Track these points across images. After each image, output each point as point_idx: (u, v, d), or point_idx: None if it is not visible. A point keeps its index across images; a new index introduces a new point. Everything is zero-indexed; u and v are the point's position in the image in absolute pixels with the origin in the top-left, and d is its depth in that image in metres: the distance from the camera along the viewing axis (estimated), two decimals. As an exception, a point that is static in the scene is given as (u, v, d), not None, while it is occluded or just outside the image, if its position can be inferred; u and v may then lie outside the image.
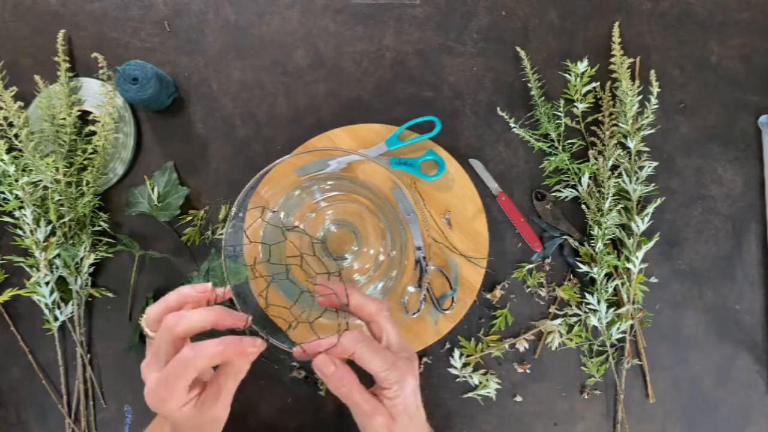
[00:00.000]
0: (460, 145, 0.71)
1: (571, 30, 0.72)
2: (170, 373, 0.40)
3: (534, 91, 0.69)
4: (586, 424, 0.70)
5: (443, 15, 0.72)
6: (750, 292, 0.70)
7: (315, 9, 0.72)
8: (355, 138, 0.70)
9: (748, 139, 0.71)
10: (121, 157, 0.71)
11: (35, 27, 0.73)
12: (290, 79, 0.72)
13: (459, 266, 0.69)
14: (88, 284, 0.70)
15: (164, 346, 0.41)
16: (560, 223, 0.70)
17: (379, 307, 0.47)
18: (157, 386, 0.41)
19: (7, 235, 0.69)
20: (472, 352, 0.69)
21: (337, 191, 0.66)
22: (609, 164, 0.67)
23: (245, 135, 0.72)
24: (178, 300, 0.44)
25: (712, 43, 0.71)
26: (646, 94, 0.68)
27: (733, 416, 0.69)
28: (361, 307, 0.47)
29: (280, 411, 0.71)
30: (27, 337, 0.72)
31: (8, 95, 0.68)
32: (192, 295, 0.45)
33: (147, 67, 0.67)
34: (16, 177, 0.66)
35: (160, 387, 0.40)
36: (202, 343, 0.40)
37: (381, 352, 0.44)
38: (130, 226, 0.72)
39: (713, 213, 0.70)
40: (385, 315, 0.47)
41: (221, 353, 0.40)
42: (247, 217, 0.61)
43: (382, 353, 0.44)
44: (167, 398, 0.40)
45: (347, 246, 0.65)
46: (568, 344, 0.69)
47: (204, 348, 0.40)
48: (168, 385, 0.40)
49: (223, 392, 0.42)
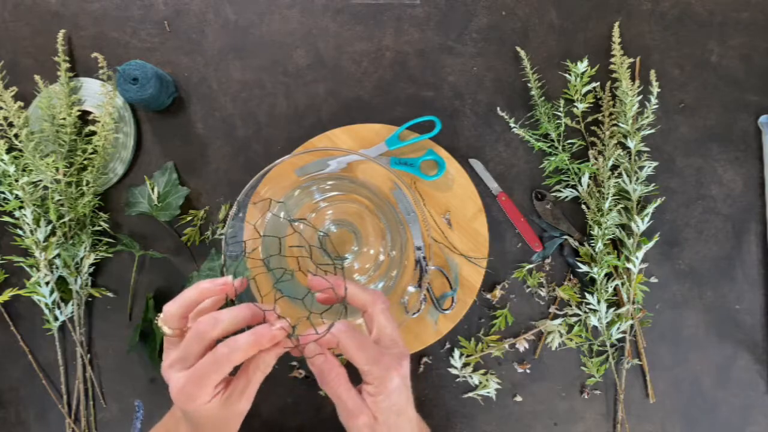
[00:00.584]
0: (460, 145, 0.71)
1: (571, 30, 0.72)
2: (203, 371, 0.39)
3: (534, 91, 0.69)
4: (586, 424, 0.70)
5: (443, 15, 0.72)
6: (750, 292, 0.70)
7: (315, 9, 0.72)
8: (355, 138, 0.70)
9: (748, 139, 0.71)
10: (121, 157, 0.71)
11: (35, 27, 0.73)
12: (290, 79, 0.72)
13: (459, 266, 0.69)
14: (88, 284, 0.70)
15: (196, 349, 0.40)
16: (560, 223, 0.70)
17: (373, 298, 0.46)
18: (186, 384, 0.40)
19: (7, 235, 0.69)
20: (472, 352, 0.69)
21: (337, 191, 0.66)
22: (609, 164, 0.67)
23: (245, 135, 0.72)
24: (197, 295, 0.43)
25: (712, 43, 0.71)
26: (646, 94, 0.68)
27: (733, 416, 0.69)
28: (355, 297, 0.46)
29: (280, 411, 0.71)
30: (27, 337, 0.72)
31: (8, 95, 0.68)
32: (211, 290, 0.43)
33: (147, 67, 0.67)
34: (16, 177, 0.66)
35: (191, 384, 0.40)
36: (236, 338, 0.40)
37: (366, 346, 0.42)
38: (130, 226, 0.72)
39: (713, 213, 0.70)
40: (379, 307, 0.46)
41: (255, 344, 0.40)
42: (248, 214, 0.61)
43: (366, 347, 0.42)
44: (197, 395, 0.40)
45: (347, 246, 0.65)
46: (568, 344, 0.69)
47: (238, 342, 0.39)
48: (199, 383, 0.39)
49: (251, 385, 0.42)
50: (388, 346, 0.45)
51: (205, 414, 0.41)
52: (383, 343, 0.45)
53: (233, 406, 0.42)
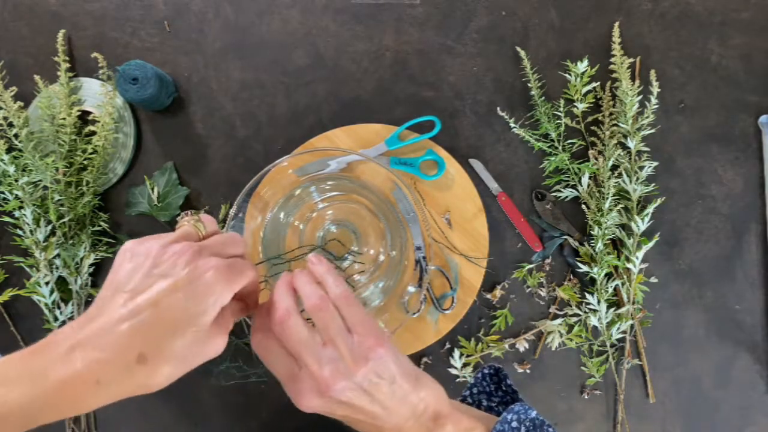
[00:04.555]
0: (460, 145, 0.71)
1: (571, 30, 0.72)
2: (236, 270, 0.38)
3: (534, 91, 0.69)
4: (586, 424, 0.70)
5: (443, 15, 0.72)
6: (750, 292, 0.70)
7: (315, 9, 0.72)
8: (355, 138, 0.70)
9: (748, 139, 0.71)
10: (121, 157, 0.71)
11: (35, 27, 0.73)
12: (290, 79, 0.72)
13: (459, 266, 0.69)
14: (88, 284, 0.70)
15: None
16: (560, 223, 0.70)
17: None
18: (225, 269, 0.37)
19: (7, 235, 0.69)
20: (472, 352, 0.69)
21: (337, 191, 0.66)
22: (609, 164, 0.67)
23: (245, 135, 0.72)
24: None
25: (712, 43, 0.71)
26: (646, 94, 0.68)
27: (733, 416, 0.69)
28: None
29: (280, 411, 0.71)
30: (27, 337, 0.72)
31: (8, 95, 0.68)
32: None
33: (147, 67, 0.67)
34: (16, 177, 0.66)
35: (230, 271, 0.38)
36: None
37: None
38: (130, 226, 0.72)
39: (713, 213, 0.70)
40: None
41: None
42: (248, 214, 0.61)
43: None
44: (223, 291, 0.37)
45: (347, 246, 0.65)
46: (568, 344, 0.69)
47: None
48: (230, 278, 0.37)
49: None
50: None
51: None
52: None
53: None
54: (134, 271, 0.36)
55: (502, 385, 0.50)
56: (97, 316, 0.35)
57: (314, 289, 0.41)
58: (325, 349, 0.39)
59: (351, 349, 0.39)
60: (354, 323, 0.40)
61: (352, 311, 0.40)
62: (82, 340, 0.34)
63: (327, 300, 0.40)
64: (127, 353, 0.34)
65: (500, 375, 0.50)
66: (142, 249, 0.37)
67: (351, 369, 0.38)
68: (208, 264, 0.37)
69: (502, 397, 0.50)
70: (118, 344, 0.34)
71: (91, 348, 0.33)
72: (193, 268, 0.36)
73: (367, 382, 0.39)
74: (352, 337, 0.39)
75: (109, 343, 0.34)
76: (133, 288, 0.35)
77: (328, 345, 0.39)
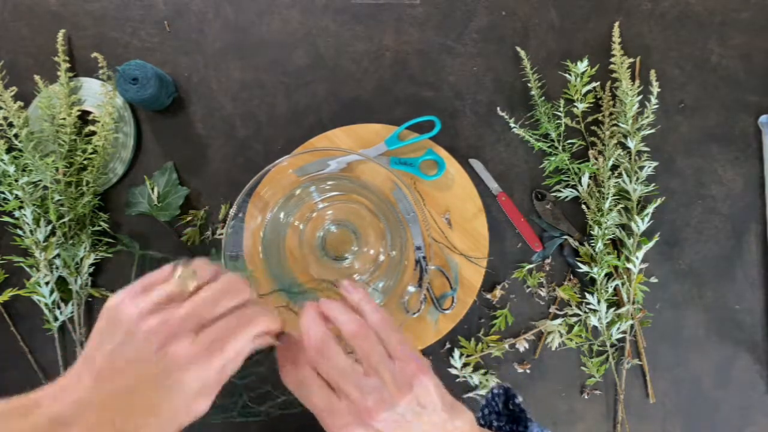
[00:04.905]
0: (460, 145, 0.71)
1: (571, 30, 0.72)
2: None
3: (534, 91, 0.69)
4: (586, 424, 0.70)
5: (443, 15, 0.72)
6: (750, 292, 0.70)
7: (315, 9, 0.72)
8: (355, 138, 0.70)
9: (748, 139, 0.71)
10: (121, 157, 0.71)
11: (35, 27, 0.73)
12: (290, 79, 0.72)
13: (459, 266, 0.69)
14: (88, 284, 0.70)
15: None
16: (560, 223, 0.70)
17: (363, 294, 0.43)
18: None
19: (7, 235, 0.69)
20: (472, 352, 0.69)
21: (337, 191, 0.66)
22: (609, 164, 0.67)
23: (245, 135, 0.72)
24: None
25: (712, 43, 0.71)
26: (646, 94, 0.68)
27: (733, 416, 0.69)
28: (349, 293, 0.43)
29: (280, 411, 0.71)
30: (27, 337, 0.72)
31: (8, 95, 0.68)
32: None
33: (147, 67, 0.67)
34: (16, 177, 0.66)
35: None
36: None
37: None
38: (130, 226, 0.72)
39: (713, 213, 0.70)
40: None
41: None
42: (248, 214, 0.61)
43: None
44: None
45: (347, 246, 0.65)
46: (568, 344, 0.69)
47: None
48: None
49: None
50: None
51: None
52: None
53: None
54: (105, 342, 0.35)
55: (509, 404, 0.50)
56: (72, 389, 0.35)
57: (352, 317, 0.40)
58: (368, 378, 0.38)
59: (394, 376, 0.38)
60: (394, 349, 0.39)
61: (393, 337, 0.40)
62: (61, 413, 0.34)
63: (367, 327, 0.39)
64: (104, 427, 0.33)
65: (508, 394, 0.50)
66: (122, 316, 0.35)
67: (395, 397, 0.37)
68: (179, 350, 0.34)
69: (509, 416, 0.50)
70: (96, 420, 0.34)
71: (70, 423, 0.33)
72: (162, 355, 0.34)
73: (410, 413, 0.38)
74: (394, 364, 0.38)
75: (85, 418, 0.34)
76: (99, 369, 0.35)
77: (370, 373, 0.38)
